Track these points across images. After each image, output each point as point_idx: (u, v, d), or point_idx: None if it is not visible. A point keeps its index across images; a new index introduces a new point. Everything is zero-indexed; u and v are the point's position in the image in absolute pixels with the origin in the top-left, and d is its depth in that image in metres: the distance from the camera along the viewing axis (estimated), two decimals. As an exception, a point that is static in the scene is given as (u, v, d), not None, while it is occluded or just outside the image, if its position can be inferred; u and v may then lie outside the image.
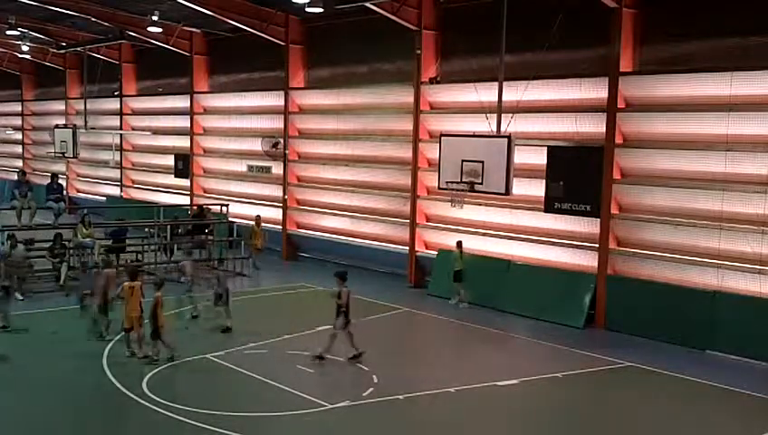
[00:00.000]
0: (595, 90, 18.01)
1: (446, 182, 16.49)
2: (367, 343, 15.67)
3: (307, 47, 26.15)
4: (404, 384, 13.03)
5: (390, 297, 20.02)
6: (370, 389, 12.76)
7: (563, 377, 13.94)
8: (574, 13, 17.27)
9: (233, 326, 16.00)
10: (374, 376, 13.36)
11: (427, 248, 22.13)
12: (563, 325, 17.57)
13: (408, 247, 22.34)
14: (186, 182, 31.38)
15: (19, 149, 44.68)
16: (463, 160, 16.08)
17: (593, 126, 18.08)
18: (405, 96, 22.29)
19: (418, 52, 21.60)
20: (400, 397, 12.43)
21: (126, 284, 14.35)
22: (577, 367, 14.60)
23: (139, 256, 23.02)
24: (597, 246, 18.02)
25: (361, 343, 14.38)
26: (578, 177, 17.84)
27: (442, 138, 16.96)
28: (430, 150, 21.14)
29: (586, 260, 18.42)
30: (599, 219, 17.85)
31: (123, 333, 14.33)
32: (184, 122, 31.47)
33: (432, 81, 21.77)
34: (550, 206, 18.40)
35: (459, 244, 19.99)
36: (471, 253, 20.16)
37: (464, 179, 16.08)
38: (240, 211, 27.14)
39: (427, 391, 12.79)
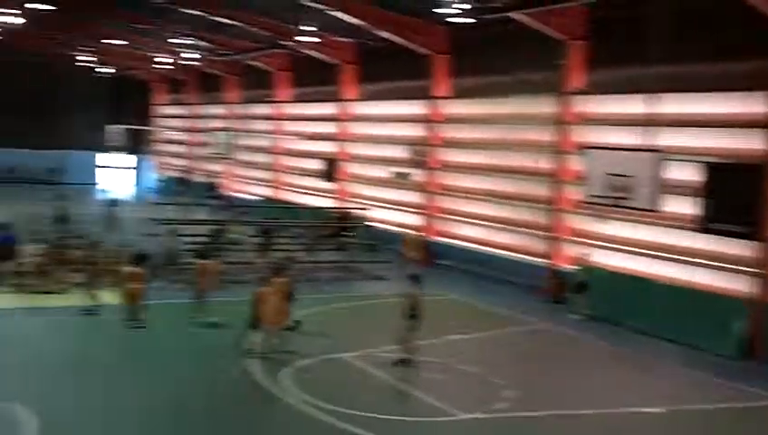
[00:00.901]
0: (755, 104, 16.88)
1: (592, 196, 16.09)
2: (500, 355, 15.56)
3: (453, 56, 26.32)
4: (537, 401, 12.79)
5: (526, 311, 19.68)
6: (502, 403, 12.57)
7: (714, 410, 13.12)
8: (729, 24, 16.30)
9: (295, 325, 15.75)
10: (506, 390, 13.16)
11: (567, 263, 21.62)
12: (711, 353, 16.49)
13: (546, 260, 21.93)
14: (331, 186, 32.40)
15: (181, 149, 47.89)
16: (609, 174, 15.63)
17: (751, 143, 16.95)
18: (550, 107, 21.92)
19: (562, 62, 21.18)
20: (534, 414, 12.18)
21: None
22: (729, 400, 13.63)
23: (288, 255, 23.98)
24: (752, 270, 16.86)
25: (495, 356, 14.20)
26: (733, 196, 16.69)
27: (588, 150, 16.59)
28: (575, 163, 20.65)
29: (738, 285, 17.28)
30: (756, 242, 16.69)
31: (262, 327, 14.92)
32: (332, 128, 32.53)
33: (579, 92, 21.26)
34: (702, 225, 17.39)
35: (584, 256, 19.93)
36: (615, 270, 19.52)
37: (610, 194, 15.62)
38: (381, 216, 27.70)
39: (562, 411, 12.45)
